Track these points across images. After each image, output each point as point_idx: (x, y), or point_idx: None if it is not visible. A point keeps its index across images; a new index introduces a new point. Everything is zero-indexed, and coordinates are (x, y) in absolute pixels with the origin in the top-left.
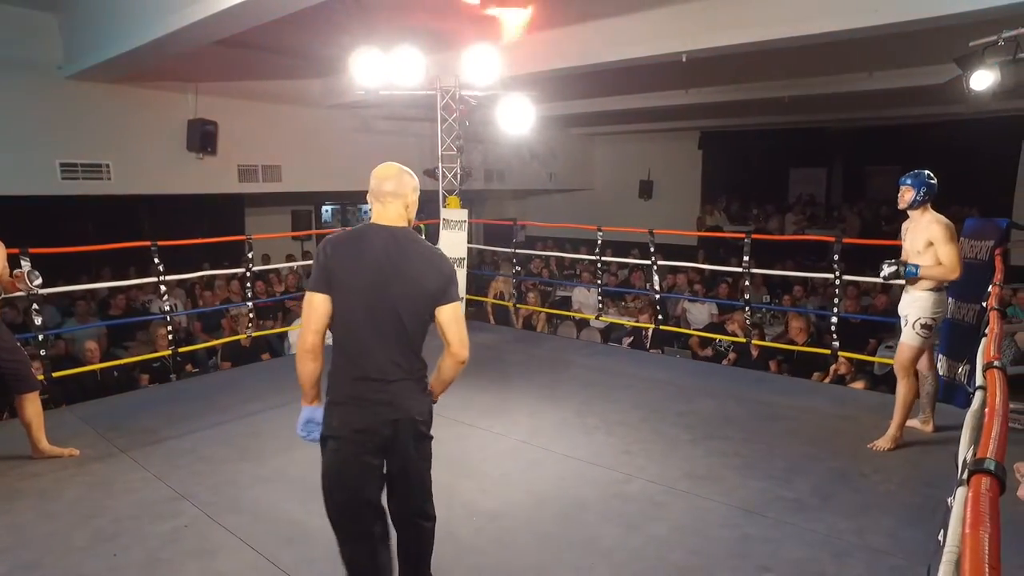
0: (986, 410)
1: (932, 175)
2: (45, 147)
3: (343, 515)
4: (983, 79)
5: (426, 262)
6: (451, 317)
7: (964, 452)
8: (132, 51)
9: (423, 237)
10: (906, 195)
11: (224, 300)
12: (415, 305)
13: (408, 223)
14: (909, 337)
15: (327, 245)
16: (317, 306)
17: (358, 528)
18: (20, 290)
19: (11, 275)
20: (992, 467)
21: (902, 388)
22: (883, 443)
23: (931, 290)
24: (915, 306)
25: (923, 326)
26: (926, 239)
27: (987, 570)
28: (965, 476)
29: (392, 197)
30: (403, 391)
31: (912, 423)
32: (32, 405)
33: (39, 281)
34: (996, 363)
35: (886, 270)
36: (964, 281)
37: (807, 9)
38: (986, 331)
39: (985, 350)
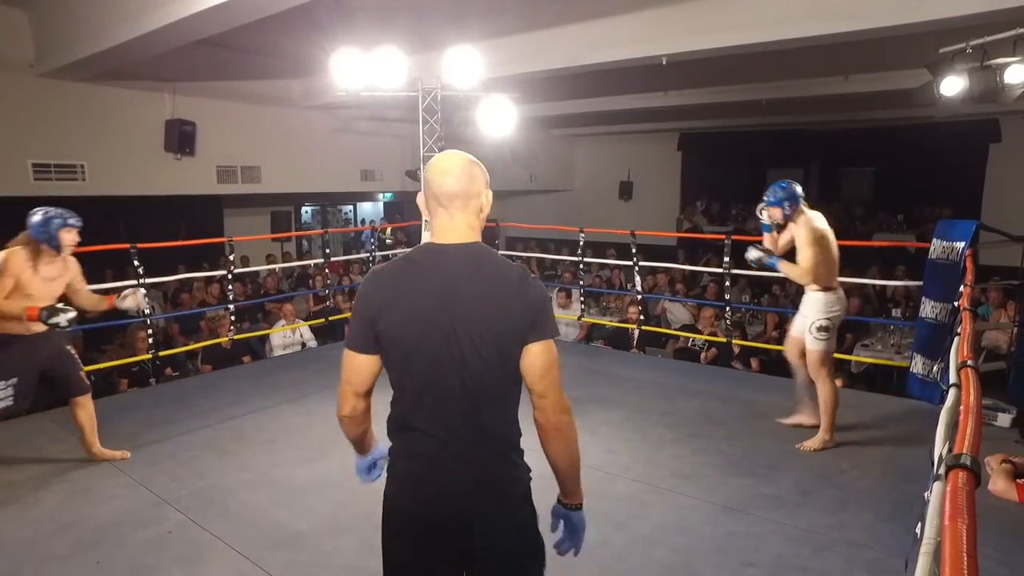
0: (961, 407)
1: (787, 183)
2: (17, 147)
3: None
4: (953, 85)
5: (508, 290)
6: (541, 359)
7: (939, 448)
8: (107, 50)
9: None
10: (775, 214)
11: (201, 303)
12: (499, 351)
13: (480, 234)
14: (809, 341)
15: (370, 284)
16: (357, 367)
17: None
18: (120, 308)
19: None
20: (968, 462)
21: (823, 391)
22: (812, 444)
23: (822, 290)
24: (811, 307)
25: (820, 328)
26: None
27: (965, 559)
28: (942, 471)
29: (461, 201)
30: (492, 471)
31: (796, 419)
32: (84, 408)
33: (131, 303)
34: (969, 362)
35: (752, 253)
36: (937, 281)
37: (785, 14)
38: (959, 331)
39: (959, 350)
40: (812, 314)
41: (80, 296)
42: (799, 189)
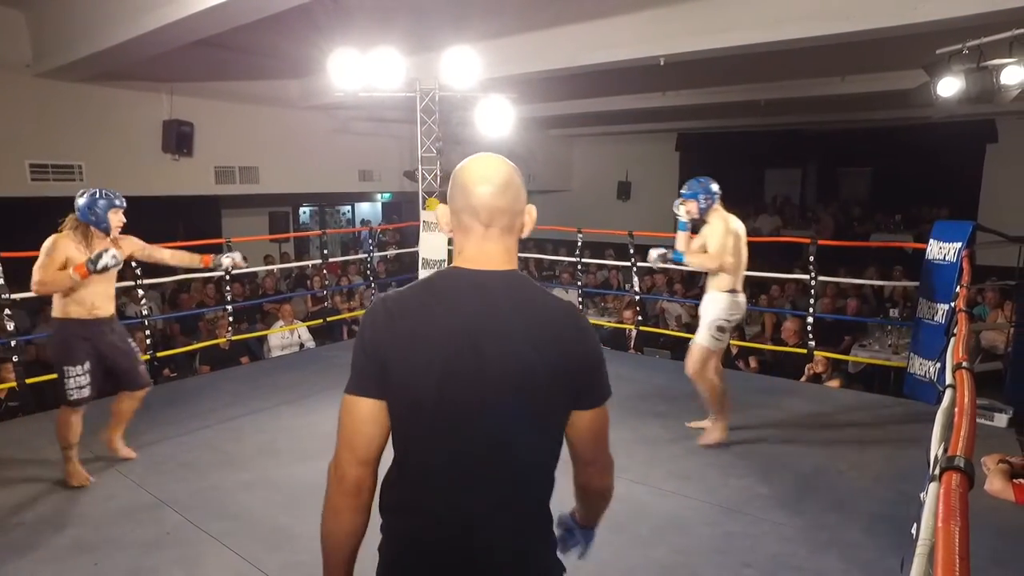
0: (956, 409)
1: (704, 179)
2: (14, 147)
3: None
4: (949, 86)
5: (559, 335)
6: (596, 427)
7: (935, 449)
8: (105, 50)
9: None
10: (691, 208)
11: (200, 303)
12: (544, 416)
13: (517, 253)
14: (702, 338)
15: (376, 317)
16: (362, 419)
17: None
18: (215, 266)
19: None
20: (962, 464)
21: (707, 387)
22: (708, 439)
23: (726, 291)
24: (711, 307)
25: (719, 328)
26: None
27: (957, 560)
28: (937, 472)
29: (507, 219)
30: (523, 563)
31: (702, 423)
32: (131, 401)
33: (228, 262)
34: (965, 364)
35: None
36: (934, 282)
37: (782, 15)
38: (955, 331)
39: (954, 351)
40: (712, 313)
41: (166, 257)
42: (715, 187)
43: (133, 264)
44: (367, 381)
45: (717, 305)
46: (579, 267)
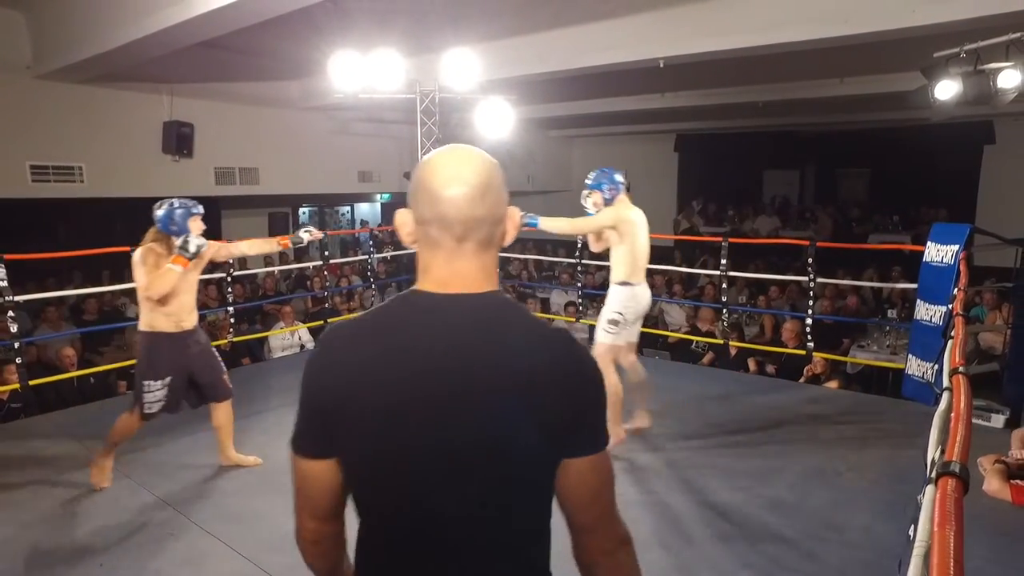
0: (952, 414)
1: (608, 169)
2: (14, 148)
3: None
4: (947, 89)
5: (548, 370)
6: (591, 480)
7: (932, 452)
8: (105, 53)
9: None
10: (596, 198)
11: (202, 305)
12: (530, 469)
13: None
14: (598, 333)
15: (320, 356)
16: (311, 480)
17: None
18: (295, 243)
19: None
20: (957, 469)
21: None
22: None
23: (619, 283)
24: (607, 300)
25: (609, 320)
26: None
27: (952, 564)
28: (933, 476)
29: (485, 229)
30: None
31: (635, 424)
32: (224, 412)
33: (308, 237)
34: (961, 368)
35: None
36: (932, 284)
37: (781, 18)
38: (952, 335)
39: (951, 355)
40: (608, 306)
41: (244, 249)
42: (620, 176)
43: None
44: (311, 440)
45: (611, 297)
46: (578, 268)
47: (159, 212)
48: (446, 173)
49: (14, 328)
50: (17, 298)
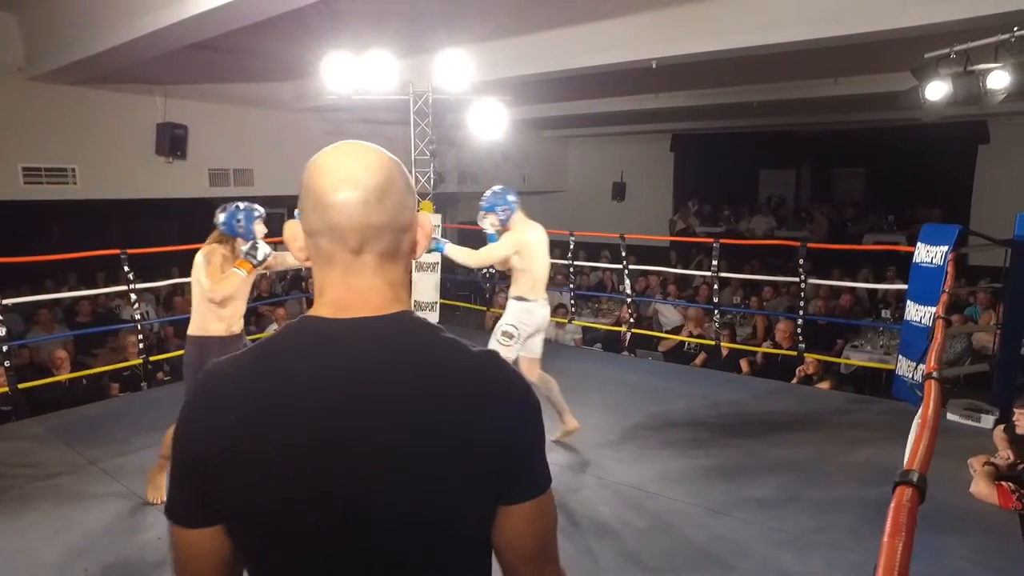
0: (919, 421)
1: (500, 189)
2: (6, 151)
3: None
4: (937, 90)
5: (470, 405)
6: (533, 528)
7: (907, 456)
8: (98, 54)
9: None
10: (492, 220)
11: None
12: (455, 525)
13: (409, 297)
14: (492, 344)
15: (193, 407)
16: (196, 553)
17: None
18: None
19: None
20: (915, 479)
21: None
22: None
23: (516, 299)
24: (504, 314)
25: (503, 333)
26: None
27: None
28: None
29: (377, 238)
30: None
31: (562, 431)
32: None
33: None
34: (935, 374)
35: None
36: (922, 285)
37: (775, 19)
38: (932, 336)
39: (928, 358)
40: (503, 319)
41: (290, 261)
42: (512, 196)
43: (126, 268)
44: (189, 507)
45: (507, 311)
46: (571, 269)
47: (221, 216)
48: (336, 175)
49: (2, 331)
50: (6, 301)
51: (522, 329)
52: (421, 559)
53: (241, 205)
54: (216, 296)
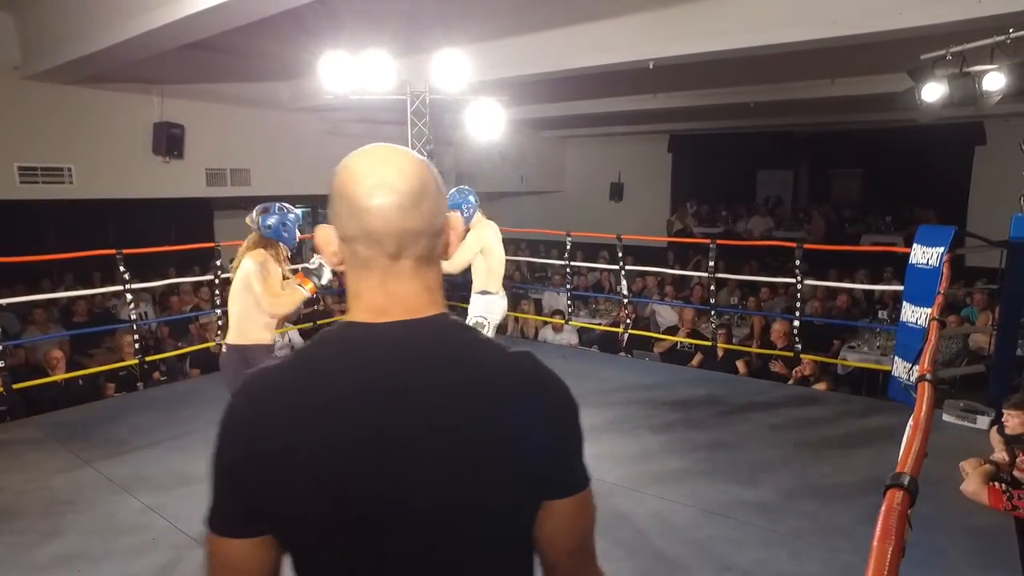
0: (911, 423)
1: (463, 188)
2: (2, 150)
3: None
4: (933, 91)
5: (512, 406)
6: (575, 523)
7: (899, 459)
8: (94, 53)
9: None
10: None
11: (194, 307)
12: (500, 526)
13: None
14: None
15: (236, 416)
16: (237, 565)
17: None
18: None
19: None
20: (906, 482)
21: None
22: None
23: (480, 293)
24: (473, 307)
25: (475, 324)
26: None
27: None
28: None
29: (415, 242)
30: None
31: None
32: None
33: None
34: (928, 376)
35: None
36: (917, 286)
37: (771, 20)
38: (926, 337)
39: (922, 360)
40: (473, 311)
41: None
42: (473, 198)
43: (121, 269)
44: (232, 517)
45: (477, 304)
46: (567, 270)
47: (270, 220)
48: (369, 180)
49: None
50: (2, 300)
51: (491, 319)
52: (466, 556)
53: (285, 208)
54: (279, 314)
